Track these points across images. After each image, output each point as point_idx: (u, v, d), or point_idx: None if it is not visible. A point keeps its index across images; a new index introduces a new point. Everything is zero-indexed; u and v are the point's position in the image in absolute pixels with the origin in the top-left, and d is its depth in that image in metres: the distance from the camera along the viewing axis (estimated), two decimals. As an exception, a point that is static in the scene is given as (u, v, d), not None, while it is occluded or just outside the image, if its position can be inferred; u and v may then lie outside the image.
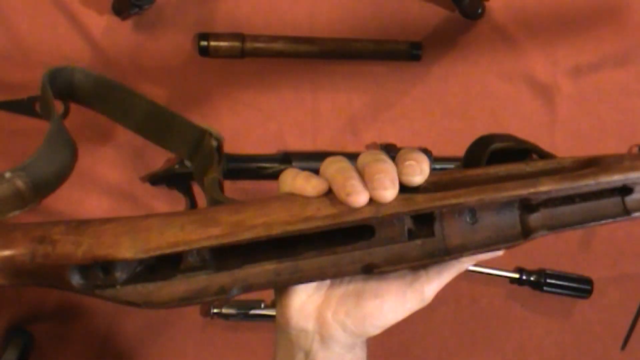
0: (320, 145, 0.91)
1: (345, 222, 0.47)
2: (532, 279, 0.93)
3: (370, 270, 0.49)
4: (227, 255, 0.49)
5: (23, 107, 0.88)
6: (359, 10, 0.92)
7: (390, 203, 0.47)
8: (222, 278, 0.49)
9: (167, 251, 0.47)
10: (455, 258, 0.49)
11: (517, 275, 0.93)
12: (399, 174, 0.47)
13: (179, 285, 0.48)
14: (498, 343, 0.95)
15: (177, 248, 0.47)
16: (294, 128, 0.92)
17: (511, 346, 0.96)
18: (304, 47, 0.90)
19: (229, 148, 0.90)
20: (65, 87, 0.68)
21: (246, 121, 0.91)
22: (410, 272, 0.51)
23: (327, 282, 0.52)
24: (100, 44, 0.88)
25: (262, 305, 0.90)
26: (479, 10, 0.90)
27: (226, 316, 0.90)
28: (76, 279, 0.47)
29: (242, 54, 0.88)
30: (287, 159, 0.88)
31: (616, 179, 0.48)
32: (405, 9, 0.92)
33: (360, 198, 0.47)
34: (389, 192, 0.47)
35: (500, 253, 0.51)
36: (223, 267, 0.49)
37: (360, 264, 0.49)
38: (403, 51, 0.90)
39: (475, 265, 0.93)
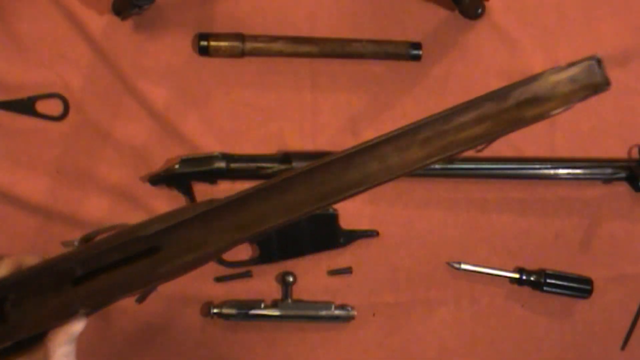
0: (320, 145, 0.91)
1: None
2: (532, 279, 0.93)
3: None
4: None
5: (23, 107, 0.89)
6: (359, 10, 0.92)
7: None
8: None
9: None
10: None
11: (517, 275, 0.93)
12: None
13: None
14: (498, 343, 0.95)
15: None
16: (294, 128, 0.92)
17: (511, 346, 0.95)
18: (304, 47, 0.90)
19: (229, 148, 0.90)
20: None
21: (246, 121, 0.91)
22: None
23: None
24: (100, 44, 0.89)
25: (262, 305, 0.90)
26: (479, 10, 0.91)
27: (226, 316, 0.90)
28: None
29: (242, 54, 0.89)
30: (287, 159, 0.88)
31: None
32: (405, 9, 0.92)
33: None
34: None
35: None
36: None
37: None
38: (403, 51, 0.90)
39: (475, 265, 0.93)
